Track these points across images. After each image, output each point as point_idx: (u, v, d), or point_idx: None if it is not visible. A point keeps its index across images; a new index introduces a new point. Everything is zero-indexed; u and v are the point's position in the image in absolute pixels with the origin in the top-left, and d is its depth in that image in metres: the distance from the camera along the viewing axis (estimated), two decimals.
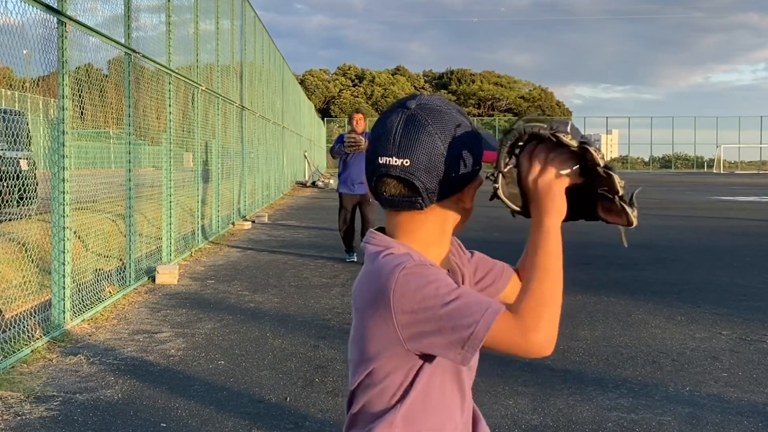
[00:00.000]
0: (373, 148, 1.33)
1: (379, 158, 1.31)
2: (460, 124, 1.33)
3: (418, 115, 1.31)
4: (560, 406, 4.15)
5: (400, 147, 1.29)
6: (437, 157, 1.29)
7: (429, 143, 1.29)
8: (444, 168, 1.30)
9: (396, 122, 1.31)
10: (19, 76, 6.27)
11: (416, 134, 1.29)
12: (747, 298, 7.17)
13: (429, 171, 1.29)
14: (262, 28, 19.45)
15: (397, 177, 1.30)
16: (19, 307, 5.62)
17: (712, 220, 15.97)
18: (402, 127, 1.30)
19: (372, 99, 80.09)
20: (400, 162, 1.29)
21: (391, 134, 1.30)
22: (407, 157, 1.29)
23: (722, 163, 66.84)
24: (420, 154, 1.28)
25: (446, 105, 1.35)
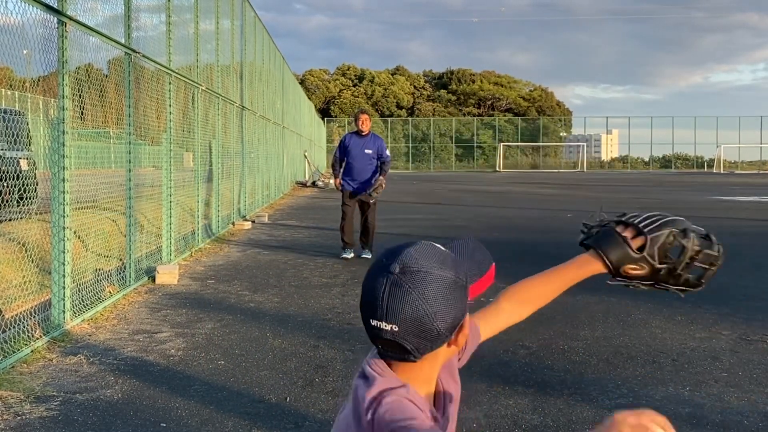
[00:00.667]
0: (363, 310, 1.40)
1: (370, 320, 1.37)
2: (441, 280, 1.39)
3: (401, 281, 1.36)
4: (560, 406, 4.15)
5: (387, 313, 1.35)
6: (424, 320, 1.36)
7: (414, 309, 1.35)
8: (430, 328, 1.36)
9: (381, 288, 1.37)
10: (19, 76, 6.27)
11: (401, 302, 1.35)
12: (747, 298, 7.17)
13: (417, 334, 1.36)
14: (262, 28, 19.45)
15: (388, 339, 1.37)
16: (19, 307, 5.62)
17: (712, 220, 15.97)
18: (388, 294, 1.36)
19: (372, 99, 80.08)
20: (390, 327, 1.36)
21: (378, 300, 1.37)
22: (395, 323, 1.35)
23: (722, 163, 66.83)
24: (407, 320, 1.35)
25: (428, 261, 1.40)
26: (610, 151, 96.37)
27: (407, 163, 73.10)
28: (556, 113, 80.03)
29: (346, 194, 9.72)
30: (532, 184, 37.16)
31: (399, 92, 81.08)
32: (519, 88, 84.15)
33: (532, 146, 73.83)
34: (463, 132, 74.81)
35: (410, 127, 74.96)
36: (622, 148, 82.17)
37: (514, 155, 73.79)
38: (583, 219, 1.78)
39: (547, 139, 74.53)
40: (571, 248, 1.73)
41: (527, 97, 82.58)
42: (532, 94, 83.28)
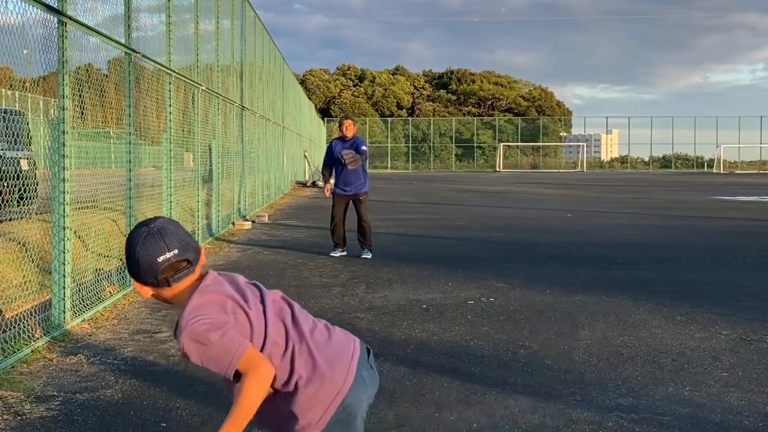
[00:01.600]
0: (150, 256, 2.17)
1: (157, 259, 2.15)
2: (177, 222, 2.30)
3: (164, 224, 2.22)
4: (560, 406, 4.15)
5: (168, 245, 2.18)
6: (187, 240, 2.23)
7: (178, 234, 2.24)
8: (191, 243, 2.24)
9: (155, 235, 2.18)
10: (19, 76, 6.27)
11: (171, 234, 2.21)
12: (747, 298, 7.17)
13: (188, 249, 2.21)
14: (262, 27, 19.45)
15: (177, 260, 2.18)
16: (20, 307, 5.63)
17: (712, 220, 15.97)
18: (161, 235, 2.19)
19: (372, 99, 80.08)
20: (173, 253, 2.17)
21: (159, 242, 2.18)
22: (174, 249, 2.18)
23: (722, 163, 66.83)
24: (179, 243, 2.19)
25: (163, 217, 2.28)
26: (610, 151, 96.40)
27: (407, 163, 73.09)
28: (556, 113, 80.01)
29: (337, 198, 10.07)
30: (532, 184, 37.16)
31: (399, 92, 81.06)
32: (519, 88, 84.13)
33: (532, 146, 73.83)
34: (463, 132, 74.81)
35: (410, 127, 74.95)
36: (622, 148, 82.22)
37: (514, 155, 73.79)
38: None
39: (547, 139, 74.53)
40: (570, 248, 1.73)
41: (527, 97, 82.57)
42: (532, 93, 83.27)
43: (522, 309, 6.63)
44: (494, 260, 9.68)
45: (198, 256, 2.22)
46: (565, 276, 8.37)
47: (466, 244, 11.48)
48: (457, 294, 7.34)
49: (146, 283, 2.19)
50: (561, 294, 7.32)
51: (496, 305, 6.80)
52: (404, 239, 12.15)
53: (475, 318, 6.28)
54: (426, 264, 9.26)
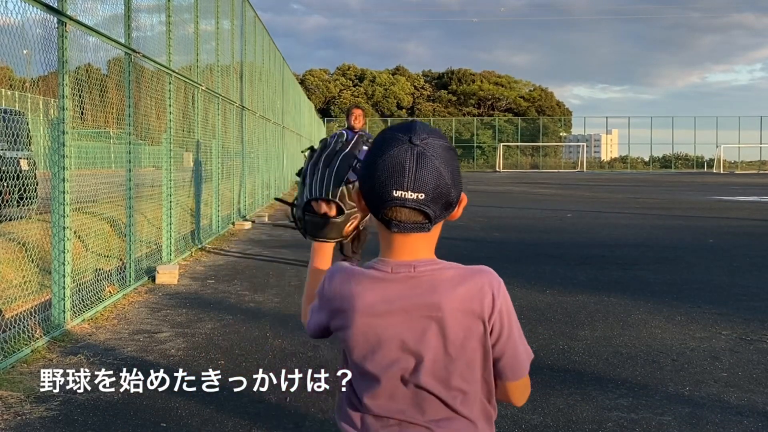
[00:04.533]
0: (385, 180, 1.47)
1: (393, 191, 1.46)
2: (452, 151, 1.53)
3: (426, 152, 1.47)
4: (560, 406, 4.15)
5: (415, 182, 1.46)
6: (444, 188, 1.48)
7: (439, 177, 1.47)
8: (448, 196, 1.49)
9: (408, 158, 1.46)
10: (19, 76, 6.27)
11: (428, 171, 1.46)
12: (747, 298, 7.17)
13: (437, 200, 1.48)
14: (262, 28, 19.45)
15: (411, 208, 1.48)
16: (20, 307, 5.63)
17: (712, 220, 15.97)
18: (415, 164, 1.46)
19: (373, 99, 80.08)
20: (416, 195, 1.46)
21: (405, 170, 1.46)
22: (422, 191, 1.46)
23: (722, 163, 66.83)
24: (433, 188, 1.47)
25: (438, 135, 1.53)
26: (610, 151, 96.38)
27: None
28: (556, 113, 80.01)
29: None
30: (532, 184, 37.16)
31: (399, 92, 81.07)
32: (519, 88, 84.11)
33: (532, 146, 73.83)
34: (462, 132, 74.80)
35: None
36: (622, 148, 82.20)
37: (514, 155, 73.79)
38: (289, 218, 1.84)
39: (547, 139, 74.53)
40: (570, 248, 1.73)
41: (527, 97, 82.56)
42: (532, 94, 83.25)
43: (522, 309, 6.63)
44: (494, 260, 9.68)
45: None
46: (565, 276, 8.37)
47: (466, 244, 11.47)
48: None
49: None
50: (561, 294, 7.31)
51: None
52: None
53: None
54: None
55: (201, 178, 11.05)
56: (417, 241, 1.53)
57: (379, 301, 1.53)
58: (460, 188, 1.53)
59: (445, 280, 1.52)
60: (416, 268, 1.53)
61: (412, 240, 1.53)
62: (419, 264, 1.53)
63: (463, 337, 1.52)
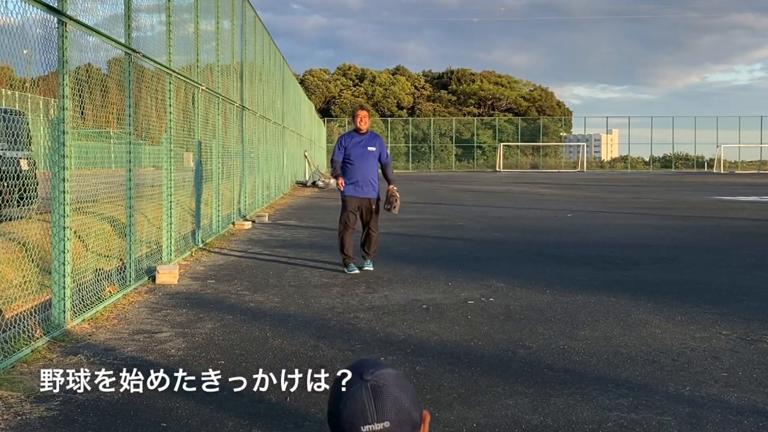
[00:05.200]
0: (351, 423, 1.57)
1: (361, 428, 1.56)
2: (401, 376, 1.65)
3: (378, 382, 1.59)
4: (560, 406, 4.15)
5: (377, 414, 1.56)
6: (406, 410, 1.59)
7: (397, 402, 1.58)
8: (412, 416, 1.59)
9: (363, 394, 1.58)
10: (19, 76, 6.27)
11: (386, 398, 1.58)
12: (747, 298, 7.17)
13: (403, 425, 1.57)
14: (262, 27, 19.44)
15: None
16: (20, 307, 5.63)
17: (712, 220, 15.97)
18: (372, 397, 1.57)
19: (373, 99, 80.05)
20: (381, 426, 1.56)
21: (365, 406, 1.57)
22: (386, 419, 1.56)
23: (722, 163, 66.81)
24: (395, 414, 1.57)
25: (382, 366, 1.65)
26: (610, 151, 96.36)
27: (407, 163, 73.07)
28: (557, 113, 79.98)
29: (351, 201, 8.65)
30: (532, 184, 37.15)
31: (399, 92, 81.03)
32: (519, 88, 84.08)
33: (532, 146, 73.81)
34: (463, 132, 74.78)
35: (410, 127, 74.96)
36: (622, 148, 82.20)
37: (514, 155, 73.77)
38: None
39: (547, 139, 74.51)
40: (570, 248, 1.73)
41: (527, 97, 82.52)
42: (532, 94, 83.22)
43: (522, 309, 6.63)
44: (494, 260, 9.68)
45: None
46: (565, 276, 8.37)
47: (466, 244, 11.47)
48: (457, 294, 7.34)
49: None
50: (561, 294, 7.31)
51: (496, 305, 6.80)
52: (404, 239, 12.14)
53: (475, 318, 6.28)
54: (426, 264, 9.26)
55: (201, 177, 11.05)
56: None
57: None
58: (420, 408, 1.64)
59: None
60: None
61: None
62: None
63: None
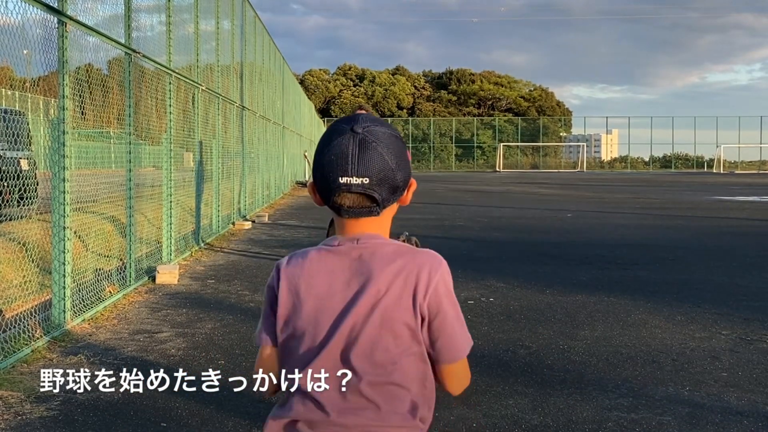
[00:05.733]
0: (330, 168, 1.56)
1: (339, 178, 1.54)
2: (395, 138, 1.60)
3: (368, 138, 1.55)
4: (560, 406, 4.15)
5: (358, 167, 1.53)
6: (388, 172, 1.55)
7: (381, 161, 1.55)
8: (394, 179, 1.56)
9: (350, 146, 1.54)
10: (19, 76, 6.27)
11: (370, 156, 1.54)
12: (747, 298, 7.17)
13: (383, 184, 1.55)
14: (262, 27, 19.44)
15: (358, 193, 1.55)
16: (20, 307, 5.63)
17: (712, 220, 15.97)
18: (357, 150, 1.54)
19: (373, 99, 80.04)
20: (360, 180, 1.53)
21: (348, 157, 1.54)
22: (365, 175, 1.53)
23: (722, 163, 66.82)
24: (375, 172, 1.54)
25: (381, 124, 1.60)
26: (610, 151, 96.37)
27: None
28: (556, 113, 79.99)
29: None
30: (532, 184, 37.15)
31: (399, 92, 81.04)
32: (519, 88, 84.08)
33: (532, 146, 73.82)
34: (463, 132, 74.79)
35: (410, 127, 74.96)
36: (622, 148, 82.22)
37: (514, 155, 73.78)
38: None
39: (547, 139, 74.52)
40: (570, 248, 1.74)
41: (527, 97, 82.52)
42: (532, 94, 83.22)
43: (522, 309, 6.63)
44: (494, 260, 9.68)
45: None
46: (565, 276, 8.37)
47: (466, 244, 11.47)
48: (457, 294, 7.30)
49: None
50: (561, 294, 7.31)
51: (496, 305, 6.80)
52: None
53: (475, 318, 6.28)
54: None
55: (201, 177, 11.05)
56: (367, 225, 1.60)
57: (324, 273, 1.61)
58: (407, 173, 1.60)
59: (384, 254, 1.59)
60: (359, 240, 1.60)
61: (362, 223, 1.60)
62: (363, 237, 1.61)
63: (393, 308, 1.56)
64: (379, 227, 1.62)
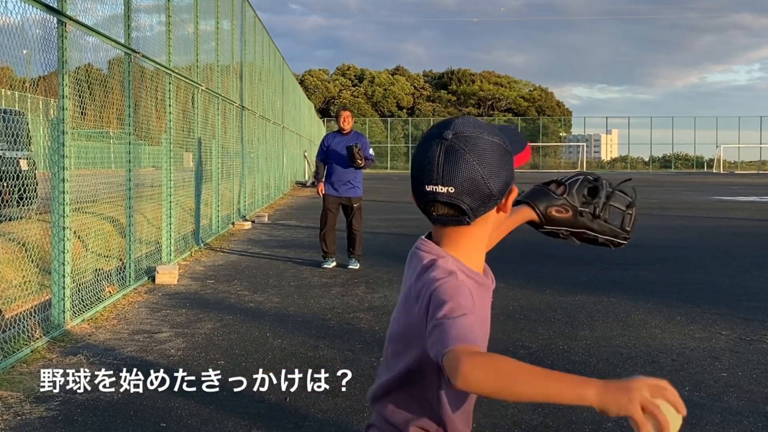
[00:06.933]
0: (418, 176, 1.52)
1: (425, 187, 1.50)
2: (492, 144, 1.52)
3: (455, 145, 1.48)
4: (560, 406, 4.15)
5: (443, 176, 1.48)
6: (478, 181, 1.48)
7: (468, 170, 1.48)
8: (484, 189, 1.49)
9: (437, 153, 1.49)
10: (19, 76, 6.27)
11: (456, 164, 1.48)
12: (747, 298, 7.17)
13: (471, 194, 1.48)
14: (262, 28, 19.44)
15: (444, 202, 1.50)
16: (19, 307, 5.63)
17: (712, 220, 15.97)
18: (443, 158, 1.48)
19: (372, 99, 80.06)
20: (446, 189, 1.48)
21: (434, 164, 1.49)
22: (451, 184, 1.48)
23: (722, 163, 66.83)
24: (462, 181, 1.48)
25: (478, 129, 1.53)
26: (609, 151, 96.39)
27: (407, 163, 73.06)
28: (556, 113, 80.00)
29: (329, 199, 9.13)
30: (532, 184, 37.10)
31: (399, 92, 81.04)
32: (519, 88, 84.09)
33: (532, 146, 73.81)
34: None
35: (410, 127, 74.97)
36: (621, 148, 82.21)
37: None
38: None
39: (547, 139, 74.53)
40: (570, 248, 1.74)
41: (527, 97, 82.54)
42: (532, 94, 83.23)
43: (522, 309, 6.63)
44: (494, 260, 9.62)
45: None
46: (565, 276, 8.37)
47: None
48: None
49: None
50: (561, 294, 7.31)
51: (496, 305, 6.77)
52: (404, 239, 12.14)
53: None
54: None
55: (201, 178, 11.05)
56: (457, 234, 1.57)
57: None
58: (504, 180, 1.52)
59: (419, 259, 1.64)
60: (417, 251, 1.67)
61: (451, 232, 1.58)
62: (421, 247, 1.67)
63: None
64: (471, 237, 1.60)
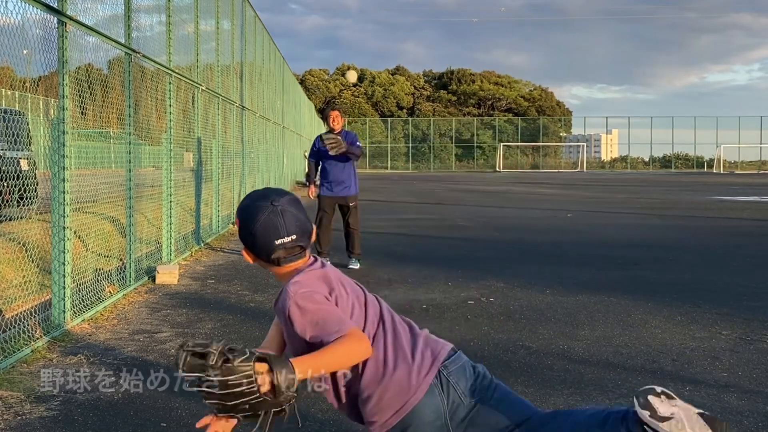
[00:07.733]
0: (267, 238, 2.29)
1: (275, 242, 2.28)
2: (297, 200, 2.38)
3: (284, 207, 2.30)
4: (560, 405, 4.15)
5: (287, 229, 2.28)
6: (305, 226, 2.34)
7: (299, 219, 2.32)
8: (309, 227, 2.38)
9: (276, 216, 2.29)
10: (19, 76, 6.27)
11: (291, 218, 2.30)
12: (747, 298, 7.17)
13: (304, 234, 2.34)
14: (262, 27, 19.44)
15: (289, 247, 2.31)
16: (20, 307, 5.63)
17: (712, 220, 15.97)
18: (282, 217, 2.28)
19: (372, 99, 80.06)
20: (291, 238, 2.29)
21: (278, 224, 2.28)
22: (293, 233, 2.30)
23: (722, 163, 66.84)
24: (298, 228, 2.31)
25: (286, 193, 2.40)
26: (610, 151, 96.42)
27: (407, 163, 73.10)
28: (556, 113, 80.00)
29: (324, 200, 9.22)
30: (532, 184, 37.16)
31: (399, 92, 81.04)
32: (519, 88, 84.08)
33: (532, 146, 73.82)
34: (463, 132, 74.80)
35: (410, 127, 74.98)
36: (622, 148, 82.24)
37: (514, 155, 73.80)
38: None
39: (547, 139, 74.54)
40: (570, 248, 1.73)
41: (527, 97, 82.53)
42: (532, 94, 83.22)
43: (522, 309, 6.63)
44: (494, 260, 9.68)
45: (310, 242, 2.34)
46: (565, 276, 8.37)
47: (466, 244, 11.48)
48: (457, 294, 7.34)
49: (256, 256, 2.34)
50: (561, 294, 7.31)
51: (496, 305, 6.80)
52: (404, 239, 12.14)
53: (475, 318, 6.28)
54: (426, 264, 9.26)
55: (201, 177, 11.05)
56: (297, 265, 2.33)
57: None
58: (310, 222, 2.34)
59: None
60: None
61: (293, 265, 2.33)
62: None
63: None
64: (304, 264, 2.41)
